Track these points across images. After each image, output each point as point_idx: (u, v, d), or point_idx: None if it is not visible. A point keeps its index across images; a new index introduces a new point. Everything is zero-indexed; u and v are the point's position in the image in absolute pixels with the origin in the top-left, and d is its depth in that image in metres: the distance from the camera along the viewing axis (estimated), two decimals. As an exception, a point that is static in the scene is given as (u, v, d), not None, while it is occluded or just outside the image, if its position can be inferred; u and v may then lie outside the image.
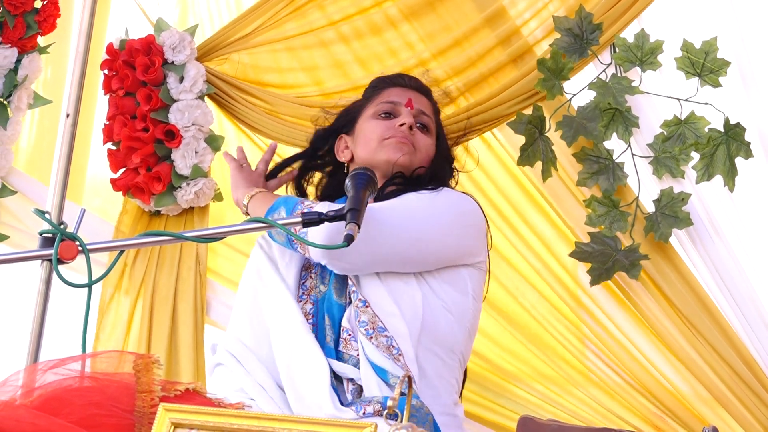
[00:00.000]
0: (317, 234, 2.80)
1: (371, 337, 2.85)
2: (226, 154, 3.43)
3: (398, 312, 2.90)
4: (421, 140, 3.16)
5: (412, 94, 3.22)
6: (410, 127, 3.13)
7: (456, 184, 3.28)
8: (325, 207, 2.86)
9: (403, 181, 3.09)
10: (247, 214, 3.17)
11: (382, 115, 3.18)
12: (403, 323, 2.89)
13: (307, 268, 3.03)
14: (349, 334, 2.91)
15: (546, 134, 3.43)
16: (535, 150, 3.43)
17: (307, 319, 2.93)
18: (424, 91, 3.28)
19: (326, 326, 2.94)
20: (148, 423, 2.25)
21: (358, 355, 2.87)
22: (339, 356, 2.91)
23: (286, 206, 2.98)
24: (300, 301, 2.96)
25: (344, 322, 2.93)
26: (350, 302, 2.93)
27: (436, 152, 3.21)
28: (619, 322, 3.48)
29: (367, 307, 2.89)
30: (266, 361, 2.92)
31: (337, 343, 2.93)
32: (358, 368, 2.85)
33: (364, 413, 2.71)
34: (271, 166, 3.45)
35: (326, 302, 2.96)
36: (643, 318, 3.44)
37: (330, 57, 3.67)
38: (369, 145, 3.15)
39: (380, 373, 2.83)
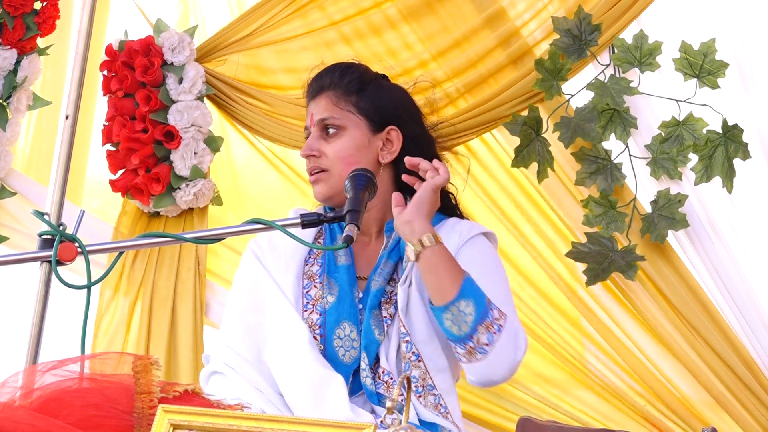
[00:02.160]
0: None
1: (420, 396, 2.78)
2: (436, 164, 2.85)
3: (448, 368, 2.82)
4: (328, 151, 2.94)
5: (314, 106, 3.00)
6: (310, 155, 2.95)
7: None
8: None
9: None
10: (421, 247, 2.74)
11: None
12: (451, 379, 2.83)
13: (310, 276, 2.93)
14: (391, 378, 2.80)
15: (543, 135, 3.42)
16: (530, 151, 3.43)
17: (314, 330, 2.85)
18: (327, 86, 3.00)
19: (337, 338, 2.84)
20: (147, 424, 2.24)
21: (402, 401, 2.75)
22: (379, 399, 2.80)
23: (477, 303, 2.69)
24: (305, 311, 2.88)
25: (384, 363, 2.81)
26: (385, 338, 2.82)
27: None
28: (620, 321, 3.48)
29: (419, 361, 2.79)
30: (261, 370, 2.83)
31: (357, 366, 2.83)
32: None
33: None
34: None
35: (336, 313, 2.86)
36: (642, 318, 3.44)
37: (331, 58, 3.64)
38: None
39: (429, 427, 2.77)
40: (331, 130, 2.96)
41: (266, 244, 2.98)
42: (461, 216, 3.06)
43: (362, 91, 3.01)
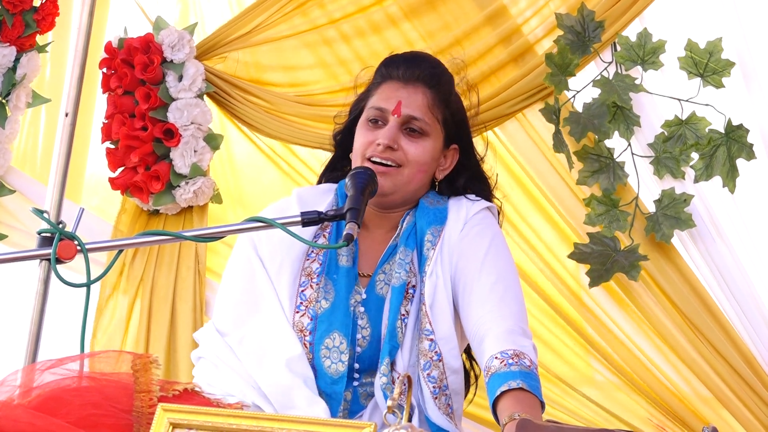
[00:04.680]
0: None
1: (436, 397, 2.71)
2: None
3: (461, 369, 2.76)
4: (409, 150, 2.84)
5: (404, 93, 2.87)
6: (389, 146, 2.82)
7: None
8: None
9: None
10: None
11: (371, 122, 2.88)
12: (462, 380, 2.76)
13: (308, 274, 2.83)
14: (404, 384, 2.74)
15: (560, 128, 3.41)
16: (560, 139, 3.40)
17: (304, 336, 2.77)
18: (425, 79, 2.90)
19: (325, 348, 2.76)
20: (147, 423, 2.24)
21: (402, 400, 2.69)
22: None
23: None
24: (296, 312, 2.80)
25: (400, 367, 2.72)
26: (403, 338, 2.74)
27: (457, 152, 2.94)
28: (621, 323, 3.47)
29: (440, 361, 2.72)
30: (248, 360, 2.76)
31: (350, 371, 2.75)
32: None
33: None
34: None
35: (328, 321, 2.77)
36: (644, 318, 3.43)
37: (331, 55, 3.66)
38: (355, 160, 2.87)
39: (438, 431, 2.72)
40: (415, 131, 2.86)
41: (264, 232, 2.84)
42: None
43: (449, 101, 2.93)
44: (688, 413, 3.44)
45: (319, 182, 3.06)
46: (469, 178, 2.97)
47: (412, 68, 2.90)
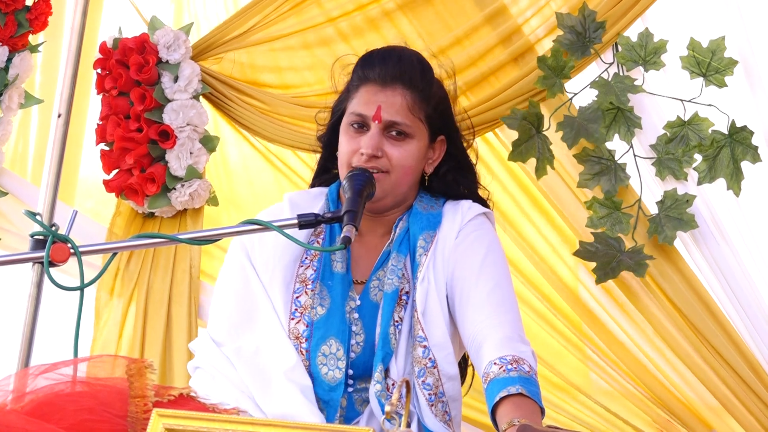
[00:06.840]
0: None
1: (432, 404, 2.70)
2: None
3: (457, 375, 2.74)
4: (394, 155, 2.79)
5: (383, 97, 2.80)
6: (373, 155, 2.77)
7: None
8: None
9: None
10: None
11: (354, 126, 2.83)
12: (459, 386, 2.75)
13: (302, 280, 2.81)
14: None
15: (544, 132, 3.38)
16: (529, 147, 3.39)
17: (300, 343, 2.75)
18: (403, 79, 2.83)
19: (322, 355, 2.74)
20: (142, 429, 2.24)
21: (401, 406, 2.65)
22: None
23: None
24: (292, 319, 2.78)
25: (394, 374, 2.71)
26: (397, 345, 2.72)
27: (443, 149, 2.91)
28: (623, 326, 3.46)
29: (434, 368, 2.71)
30: (245, 373, 2.75)
31: (345, 378, 2.73)
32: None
33: None
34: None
35: (324, 328, 2.75)
36: (647, 321, 3.41)
37: (328, 56, 3.63)
38: (341, 167, 2.83)
39: None
40: (398, 134, 2.82)
41: (256, 238, 2.85)
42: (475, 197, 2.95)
43: (430, 96, 2.87)
44: (691, 417, 3.43)
45: (312, 186, 3.04)
46: (455, 168, 2.93)
47: (388, 68, 2.84)
